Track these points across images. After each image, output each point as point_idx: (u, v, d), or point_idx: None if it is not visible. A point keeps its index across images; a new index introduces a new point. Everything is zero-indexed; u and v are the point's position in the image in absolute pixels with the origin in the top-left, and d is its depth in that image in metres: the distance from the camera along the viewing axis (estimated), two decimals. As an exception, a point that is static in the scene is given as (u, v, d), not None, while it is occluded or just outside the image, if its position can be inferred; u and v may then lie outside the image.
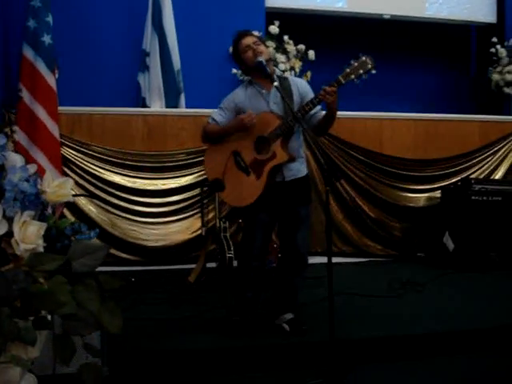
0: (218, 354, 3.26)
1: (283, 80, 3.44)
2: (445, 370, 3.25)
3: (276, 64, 5.40)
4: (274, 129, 3.27)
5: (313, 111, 3.31)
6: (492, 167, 5.82)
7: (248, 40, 3.39)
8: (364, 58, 3.21)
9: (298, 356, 3.29)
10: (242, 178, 3.35)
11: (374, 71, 3.22)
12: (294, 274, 3.51)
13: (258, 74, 3.37)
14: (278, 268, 3.71)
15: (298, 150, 3.45)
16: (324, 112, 3.37)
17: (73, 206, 4.81)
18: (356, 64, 3.21)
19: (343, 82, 3.18)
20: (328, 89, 3.16)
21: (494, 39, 6.19)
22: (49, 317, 1.74)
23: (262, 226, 3.42)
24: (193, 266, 4.72)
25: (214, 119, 3.45)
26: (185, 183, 5.11)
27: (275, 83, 3.21)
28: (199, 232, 4.99)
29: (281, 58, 5.44)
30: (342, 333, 3.25)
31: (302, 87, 3.47)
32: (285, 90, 3.31)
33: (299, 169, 3.44)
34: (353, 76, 3.20)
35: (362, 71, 3.20)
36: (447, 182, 5.65)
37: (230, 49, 3.65)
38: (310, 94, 3.37)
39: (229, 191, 3.38)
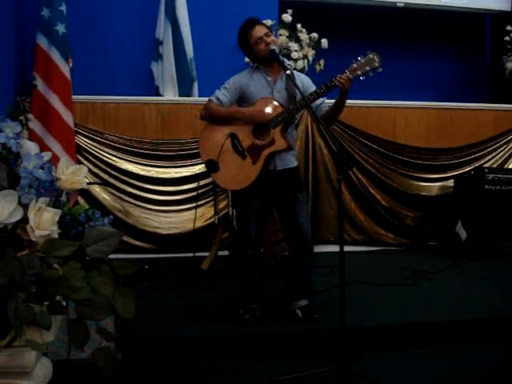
0: (230, 340, 3.30)
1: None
2: (455, 358, 3.26)
3: (289, 52, 5.38)
4: (276, 115, 3.29)
5: (318, 101, 3.35)
6: (505, 156, 5.77)
7: (259, 31, 3.39)
8: (371, 56, 3.22)
9: (310, 343, 3.32)
10: (237, 161, 3.35)
11: (380, 70, 3.22)
12: (301, 262, 3.53)
13: (268, 62, 3.39)
14: (289, 256, 3.72)
15: (291, 141, 3.47)
16: (328, 104, 3.40)
17: (87, 194, 4.84)
18: (363, 61, 3.21)
19: (351, 76, 3.19)
20: (346, 75, 3.18)
21: (509, 27, 6.13)
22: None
23: (254, 214, 3.44)
24: (205, 253, 4.76)
25: (218, 98, 3.46)
26: (198, 171, 5.11)
27: (288, 71, 3.23)
28: (212, 220, 5.01)
29: (294, 46, 5.41)
30: (354, 321, 3.27)
31: (305, 82, 3.50)
32: (291, 81, 3.32)
33: (290, 159, 3.48)
34: (359, 72, 3.21)
35: (368, 68, 3.21)
36: (460, 171, 5.61)
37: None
38: (313, 89, 3.39)
39: (223, 173, 3.39)
